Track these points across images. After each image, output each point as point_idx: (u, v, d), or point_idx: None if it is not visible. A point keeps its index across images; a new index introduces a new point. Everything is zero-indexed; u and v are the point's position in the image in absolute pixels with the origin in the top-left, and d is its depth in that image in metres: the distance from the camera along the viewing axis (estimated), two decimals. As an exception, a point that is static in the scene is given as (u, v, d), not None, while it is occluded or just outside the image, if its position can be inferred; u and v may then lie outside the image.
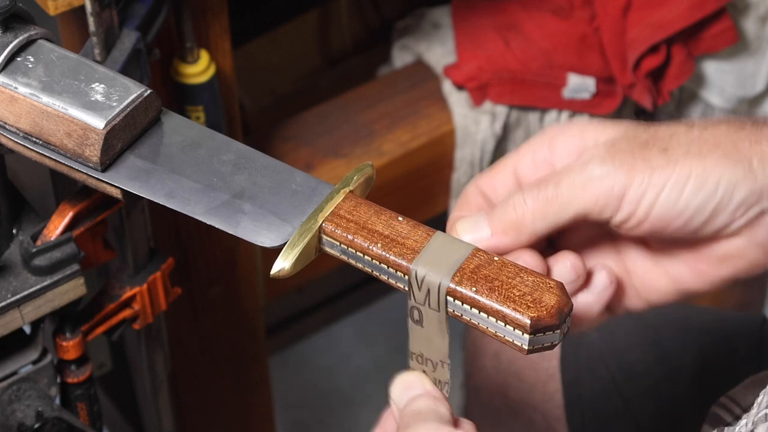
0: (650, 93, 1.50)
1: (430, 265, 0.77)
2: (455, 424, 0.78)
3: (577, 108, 1.51)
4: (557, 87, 1.49)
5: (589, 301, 0.86)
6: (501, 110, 1.49)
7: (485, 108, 1.48)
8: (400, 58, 1.57)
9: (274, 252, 0.80)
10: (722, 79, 1.59)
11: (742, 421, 0.80)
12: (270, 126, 1.47)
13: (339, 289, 1.98)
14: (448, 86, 1.49)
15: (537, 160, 0.87)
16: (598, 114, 1.53)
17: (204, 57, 1.21)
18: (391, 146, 1.46)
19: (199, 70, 1.21)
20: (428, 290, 0.77)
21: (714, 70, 1.58)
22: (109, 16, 1.03)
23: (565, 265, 0.84)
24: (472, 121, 1.48)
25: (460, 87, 1.49)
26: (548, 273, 0.84)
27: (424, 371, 0.80)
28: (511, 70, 1.48)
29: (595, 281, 0.86)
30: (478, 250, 0.77)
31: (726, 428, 0.84)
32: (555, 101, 1.50)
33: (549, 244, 0.87)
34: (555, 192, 0.83)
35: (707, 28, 1.51)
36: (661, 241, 0.87)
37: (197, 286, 1.37)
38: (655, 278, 0.88)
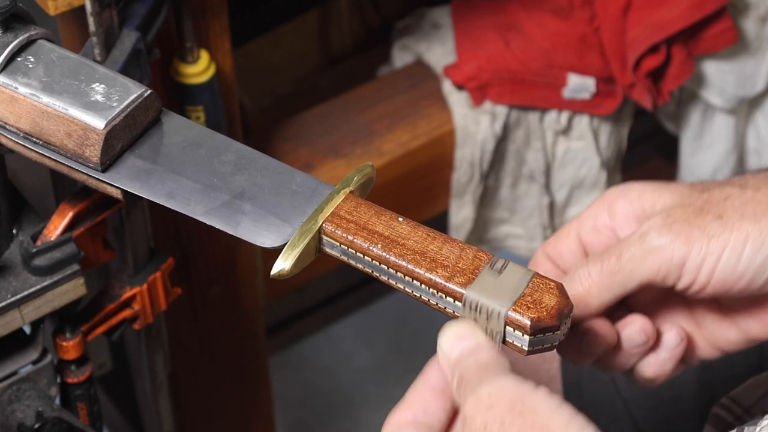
0: (650, 93, 1.50)
1: (487, 293, 0.76)
2: None
3: (577, 108, 1.51)
4: (557, 87, 1.49)
5: (662, 359, 0.89)
6: (501, 110, 1.49)
7: (485, 108, 1.48)
8: (400, 58, 1.57)
9: (274, 252, 0.80)
10: (722, 79, 1.59)
11: (764, 422, 0.81)
12: (270, 126, 1.47)
13: (339, 289, 1.98)
14: (448, 86, 1.49)
15: (598, 226, 0.91)
16: (598, 114, 1.53)
17: (204, 57, 1.21)
18: (391, 146, 1.46)
19: (199, 70, 1.21)
20: (487, 317, 0.76)
21: (714, 70, 1.58)
22: (109, 16, 1.03)
23: (634, 329, 0.87)
24: (472, 121, 1.48)
25: (460, 87, 1.49)
26: (618, 338, 0.87)
27: (475, 320, 0.77)
28: (511, 70, 1.48)
29: (665, 340, 0.89)
30: (536, 273, 0.77)
31: (746, 428, 0.84)
32: (555, 101, 1.50)
33: (620, 302, 0.90)
34: (618, 265, 0.86)
35: (707, 28, 1.51)
36: (729, 299, 0.89)
37: (197, 286, 1.37)
38: (725, 331, 0.91)
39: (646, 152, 1.96)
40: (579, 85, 1.50)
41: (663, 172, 1.91)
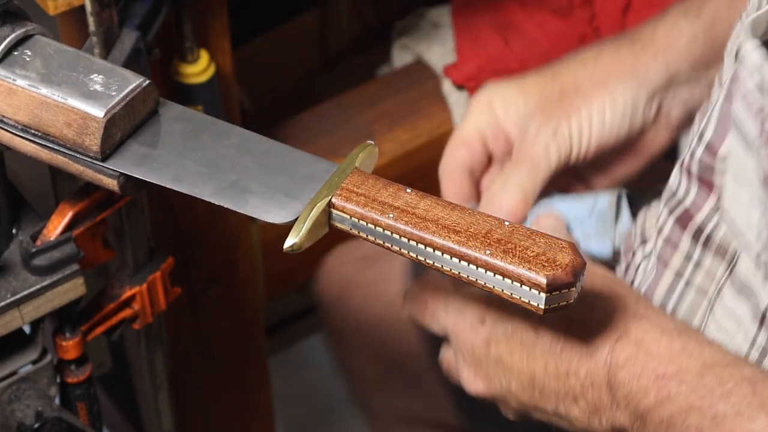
0: (650, 93, 1.50)
1: None
2: None
3: (577, 108, 1.51)
4: (557, 87, 1.49)
5: None
6: (501, 110, 1.49)
7: (485, 108, 1.48)
8: (400, 58, 1.57)
9: (274, 251, 0.81)
10: (722, 79, 1.59)
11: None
12: (270, 126, 1.47)
13: (339, 289, 1.98)
14: (448, 86, 1.49)
15: (492, 133, 1.09)
16: (598, 114, 1.53)
17: (204, 57, 1.21)
18: (391, 146, 1.46)
19: (198, 69, 1.21)
20: None
21: (714, 70, 1.58)
22: (109, 15, 1.03)
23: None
24: (472, 121, 1.48)
25: (460, 87, 1.49)
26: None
27: None
28: (511, 70, 1.48)
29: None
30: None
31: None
32: (555, 101, 1.50)
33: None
34: (534, 164, 1.04)
35: (707, 28, 1.51)
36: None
37: (197, 286, 1.37)
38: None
39: (646, 152, 1.96)
40: (579, 85, 1.50)
41: (663, 172, 1.91)
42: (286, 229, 0.81)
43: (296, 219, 0.81)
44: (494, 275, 0.77)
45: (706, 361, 0.84)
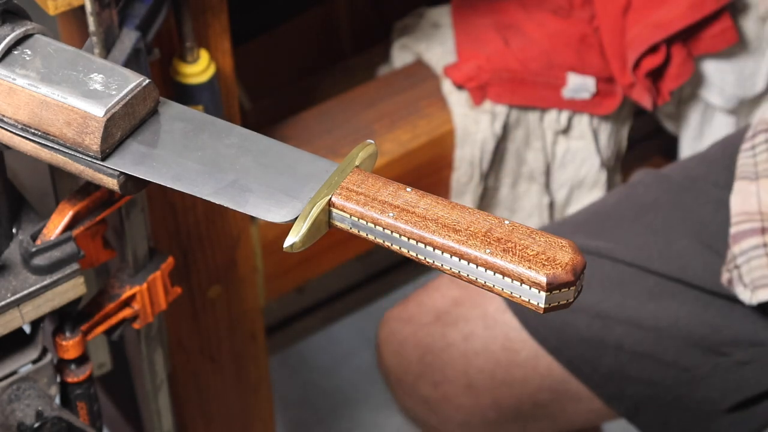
0: (650, 93, 1.50)
1: None
2: None
3: (577, 107, 1.51)
4: (557, 87, 1.49)
5: None
6: (501, 110, 1.49)
7: (485, 108, 1.48)
8: (400, 57, 1.57)
9: (273, 251, 0.81)
10: (722, 79, 1.59)
11: None
12: (270, 126, 1.47)
13: (339, 289, 1.98)
14: (447, 86, 1.50)
15: None
16: (598, 114, 1.53)
17: (204, 57, 1.21)
18: (391, 146, 1.46)
19: (198, 69, 1.21)
20: None
21: (714, 70, 1.58)
22: (109, 15, 1.03)
23: None
24: (471, 121, 1.48)
25: (459, 87, 1.49)
26: None
27: None
28: (510, 70, 1.48)
29: None
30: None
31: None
32: (555, 101, 1.50)
33: None
34: None
35: (707, 28, 1.51)
36: None
37: (197, 286, 1.37)
38: None
39: (646, 152, 1.96)
40: (579, 84, 1.50)
41: (663, 172, 1.91)
42: (285, 228, 0.81)
43: (296, 218, 0.81)
44: (494, 274, 0.77)
45: None
